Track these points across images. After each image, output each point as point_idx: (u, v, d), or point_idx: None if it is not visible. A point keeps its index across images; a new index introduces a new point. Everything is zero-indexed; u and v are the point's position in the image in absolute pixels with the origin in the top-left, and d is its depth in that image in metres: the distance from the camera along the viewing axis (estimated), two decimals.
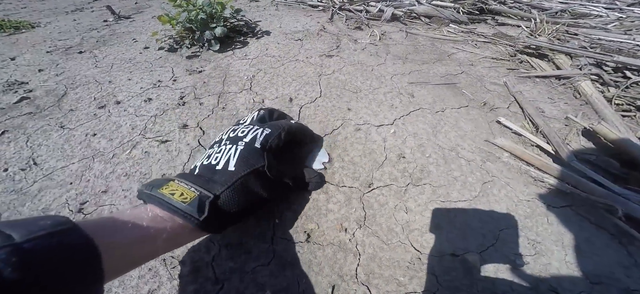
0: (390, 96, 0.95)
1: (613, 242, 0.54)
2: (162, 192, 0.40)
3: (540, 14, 1.73)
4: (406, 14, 1.68)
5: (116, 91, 1.01)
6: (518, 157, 0.70)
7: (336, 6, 1.82)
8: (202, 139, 0.79)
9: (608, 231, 0.55)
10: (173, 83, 1.04)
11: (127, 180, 0.69)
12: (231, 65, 1.16)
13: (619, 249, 0.53)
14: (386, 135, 0.78)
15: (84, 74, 1.13)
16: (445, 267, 0.50)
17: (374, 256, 0.53)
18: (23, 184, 0.70)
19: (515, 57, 1.24)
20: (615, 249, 0.53)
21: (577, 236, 0.54)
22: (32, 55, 1.30)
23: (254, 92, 0.98)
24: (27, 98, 0.99)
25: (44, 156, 0.77)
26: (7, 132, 0.85)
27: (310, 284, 0.49)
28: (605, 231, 0.55)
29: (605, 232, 0.55)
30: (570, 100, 0.95)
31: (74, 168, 0.73)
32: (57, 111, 0.93)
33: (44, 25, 1.72)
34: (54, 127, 0.86)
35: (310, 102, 0.92)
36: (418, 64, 1.17)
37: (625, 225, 0.54)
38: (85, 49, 1.36)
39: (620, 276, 0.49)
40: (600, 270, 0.50)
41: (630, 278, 0.49)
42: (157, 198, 0.40)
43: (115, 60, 1.23)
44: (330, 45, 1.30)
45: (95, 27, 1.66)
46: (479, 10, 1.78)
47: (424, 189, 0.64)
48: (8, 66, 1.20)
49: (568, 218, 0.58)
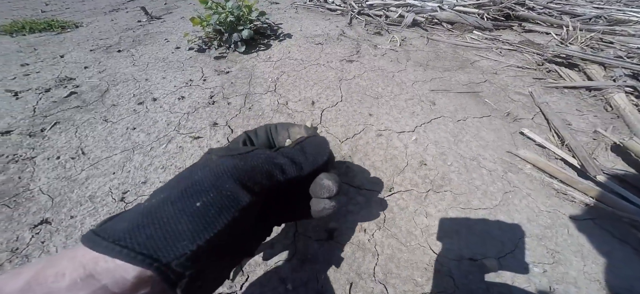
0: (412, 103, 0.97)
1: (636, 256, 0.54)
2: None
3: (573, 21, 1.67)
4: (427, 19, 1.69)
5: (152, 89, 1.10)
6: (541, 170, 0.70)
7: (355, 10, 1.85)
8: (230, 137, 0.85)
9: (631, 245, 0.55)
10: (203, 82, 1.12)
11: (163, 172, 0.77)
12: (256, 67, 1.22)
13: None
14: (407, 142, 0.81)
15: (123, 72, 1.23)
16: (463, 270, 0.52)
17: (392, 256, 0.56)
18: (72, 172, 0.79)
19: (542, 66, 1.22)
20: (638, 263, 0.53)
21: (598, 248, 0.55)
22: (77, 53, 1.43)
23: (278, 94, 1.04)
24: (75, 93, 1.11)
25: (90, 147, 0.86)
26: (59, 124, 0.96)
27: (329, 280, 0.52)
28: (629, 245, 0.55)
29: (629, 246, 0.55)
30: (600, 113, 0.93)
31: (117, 159, 0.81)
32: (101, 106, 1.03)
33: (86, 25, 1.88)
34: (99, 121, 0.96)
35: (332, 106, 0.96)
36: (440, 71, 1.18)
37: None
38: (123, 48, 1.48)
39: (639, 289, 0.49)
40: (619, 283, 0.50)
41: None
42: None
43: (150, 59, 1.33)
44: (351, 50, 1.34)
45: (130, 27, 1.80)
46: (505, 16, 1.75)
47: (444, 195, 0.66)
48: (58, 63, 1.33)
49: (590, 231, 0.58)
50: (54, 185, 0.75)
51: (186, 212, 0.24)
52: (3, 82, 1.17)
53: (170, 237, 0.23)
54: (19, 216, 0.67)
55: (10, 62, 1.34)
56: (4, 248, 0.60)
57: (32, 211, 0.68)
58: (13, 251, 0.60)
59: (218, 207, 0.25)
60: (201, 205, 0.24)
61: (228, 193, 0.26)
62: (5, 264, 0.58)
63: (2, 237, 0.62)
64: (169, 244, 0.22)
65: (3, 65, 1.31)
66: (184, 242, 0.23)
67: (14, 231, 0.63)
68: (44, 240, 0.62)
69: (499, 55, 1.33)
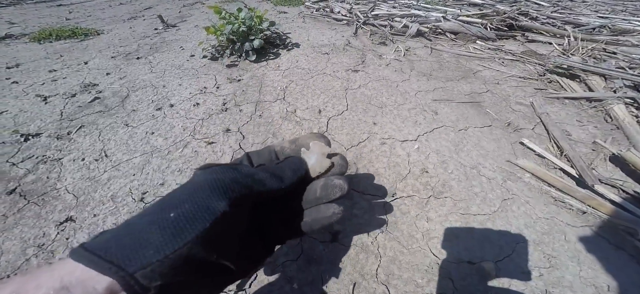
0: (415, 112, 1.00)
1: (631, 262, 0.55)
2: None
3: (575, 31, 1.68)
4: (431, 29, 1.72)
5: (169, 95, 1.16)
6: (540, 179, 0.72)
7: (360, 20, 1.89)
8: (242, 142, 0.89)
9: (627, 252, 0.57)
10: (216, 90, 1.17)
11: (180, 175, 0.81)
12: (266, 75, 1.27)
13: (636, 269, 0.54)
14: (410, 150, 0.83)
15: (142, 79, 1.30)
16: (462, 273, 0.55)
17: (394, 258, 0.58)
18: (96, 173, 0.84)
19: (544, 77, 1.23)
20: (633, 269, 0.54)
21: (594, 254, 0.56)
22: (100, 60, 1.51)
23: (287, 102, 1.08)
24: (98, 98, 1.17)
25: (112, 149, 0.92)
26: (84, 127, 1.01)
27: (333, 280, 0.55)
28: (624, 252, 0.57)
29: (624, 253, 0.57)
30: (600, 124, 0.94)
31: (136, 161, 0.86)
32: (122, 111, 1.09)
33: (107, 32, 1.97)
34: (120, 125, 1.02)
35: (338, 115, 1.00)
36: (442, 81, 1.21)
37: None
38: (142, 55, 1.55)
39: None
40: (614, 287, 0.52)
41: None
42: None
43: (167, 67, 1.40)
44: (356, 60, 1.38)
45: (147, 34, 1.88)
46: (508, 26, 1.76)
47: (445, 201, 0.68)
48: (83, 69, 1.40)
49: (586, 237, 0.60)
50: (78, 185, 0.79)
51: (158, 223, 0.23)
52: (33, 87, 1.25)
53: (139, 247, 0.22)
54: (46, 214, 0.71)
55: (39, 69, 1.42)
56: (31, 244, 0.64)
57: (58, 209, 0.72)
58: (39, 246, 0.64)
59: (190, 218, 0.24)
60: (174, 216, 0.24)
61: (202, 204, 0.25)
62: (32, 259, 0.61)
63: (30, 233, 0.66)
64: (137, 254, 0.22)
65: (33, 71, 1.39)
66: (150, 251, 0.22)
67: (41, 227, 0.68)
68: (69, 237, 0.66)
69: (502, 65, 1.35)
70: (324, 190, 0.34)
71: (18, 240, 0.65)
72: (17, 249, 0.63)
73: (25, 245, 0.64)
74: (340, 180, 0.33)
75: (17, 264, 0.61)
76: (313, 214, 0.34)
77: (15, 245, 0.64)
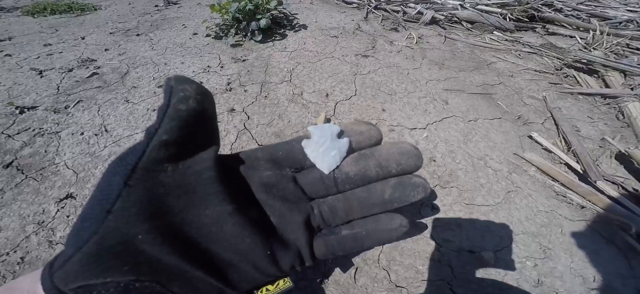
0: (425, 101, 1.03)
1: (619, 255, 0.61)
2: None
3: (601, 25, 1.68)
4: (447, 17, 1.73)
5: (171, 73, 1.19)
6: (545, 173, 0.76)
7: (372, 5, 1.90)
8: (247, 123, 0.93)
9: (617, 245, 0.62)
10: (221, 69, 1.21)
11: None
12: (272, 56, 1.30)
13: (622, 262, 0.60)
14: (419, 138, 0.87)
15: (142, 56, 1.33)
16: (462, 261, 0.60)
17: (397, 245, 0.63)
18: (96, 148, 0.88)
19: (560, 71, 1.25)
20: (620, 261, 0.60)
21: (586, 247, 0.62)
22: (97, 36, 1.53)
23: (294, 84, 1.11)
24: (96, 73, 1.20)
25: (112, 125, 0.96)
26: (82, 102, 1.05)
27: (336, 264, 0.59)
28: (615, 245, 0.62)
29: (614, 246, 0.62)
30: (611, 121, 0.98)
31: (138, 138, 0.90)
32: (122, 87, 1.13)
33: (105, 8, 1.99)
34: (120, 101, 1.05)
35: (346, 99, 1.03)
36: (455, 71, 1.23)
37: (634, 242, 0.61)
38: (142, 32, 1.57)
39: (617, 285, 0.56)
40: (600, 278, 0.58)
41: (626, 287, 0.56)
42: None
43: (168, 44, 1.43)
44: (366, 45, 1.40)
45: (148, 11, 1.90)
46: (530, 17, 1.77)
47: (451, 191, 0.73)
48: (80, 45, 1.43)
49: (581, 231, 0.65)
50: (78, 160, 0.83)
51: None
52: (28, 60, 1.28)
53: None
54: (45, 189, 0.73)
55: (33, 42, 1.45)
56: (31, 220, 0.66)
57: (58, 185, 0.75)
58: (39, 223, 0.66)
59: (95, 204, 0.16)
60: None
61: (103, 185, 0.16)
62: (32, 237, 0.63)
63: (30, 209, 0.68)
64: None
65: (27, 45, 1.42)
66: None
67: (40, 203, 0.70)
68: (69, 214, 0.68)
69: (518, 57, 1.37)
70: (399, 190, 0.20)
71: (17, 216, 0.67)
72: (16, 226, 0.65)
73: (24, 222, 0.66)
74: (420, 178, 0.19)
75: (16, 241, 0.63)
76: (368, 225, 0.20)
77: (14, 222, 0.66)
